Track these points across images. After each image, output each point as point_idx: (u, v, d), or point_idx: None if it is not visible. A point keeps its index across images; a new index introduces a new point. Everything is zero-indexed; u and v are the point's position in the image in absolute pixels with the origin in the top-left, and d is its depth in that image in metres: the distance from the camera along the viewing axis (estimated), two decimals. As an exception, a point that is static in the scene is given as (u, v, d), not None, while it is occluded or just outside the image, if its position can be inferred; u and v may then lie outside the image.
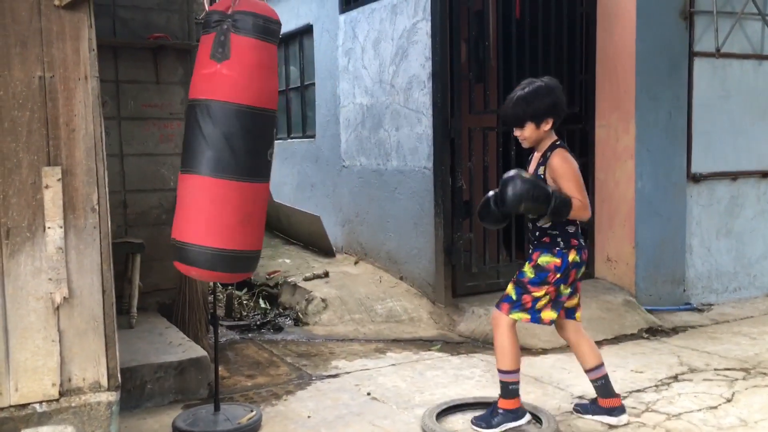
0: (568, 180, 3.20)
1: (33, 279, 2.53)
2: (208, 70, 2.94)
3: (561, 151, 3.27)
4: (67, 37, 2.56)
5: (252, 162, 3.02)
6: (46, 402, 2.57)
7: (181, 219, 3.05)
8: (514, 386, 3.33)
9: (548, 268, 3.26)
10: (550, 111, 3.24)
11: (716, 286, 5.98)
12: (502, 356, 3.31)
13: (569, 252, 3.27)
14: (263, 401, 3.83)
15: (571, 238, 3.29)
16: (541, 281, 3.27)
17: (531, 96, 3.24)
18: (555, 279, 3.26)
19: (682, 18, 5.64)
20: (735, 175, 6.00)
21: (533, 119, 3.25)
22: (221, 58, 2.89)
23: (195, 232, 2.98)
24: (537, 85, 3.26)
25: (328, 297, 5.69)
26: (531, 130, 3.28)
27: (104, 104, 3.78)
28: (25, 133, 2.51)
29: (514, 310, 3.30)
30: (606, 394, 3.44)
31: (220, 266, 3.02)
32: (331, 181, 7.33)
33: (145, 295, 4.67)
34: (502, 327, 3.32)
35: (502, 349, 3.31)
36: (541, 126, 3.26)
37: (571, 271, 3.29)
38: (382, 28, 6.17)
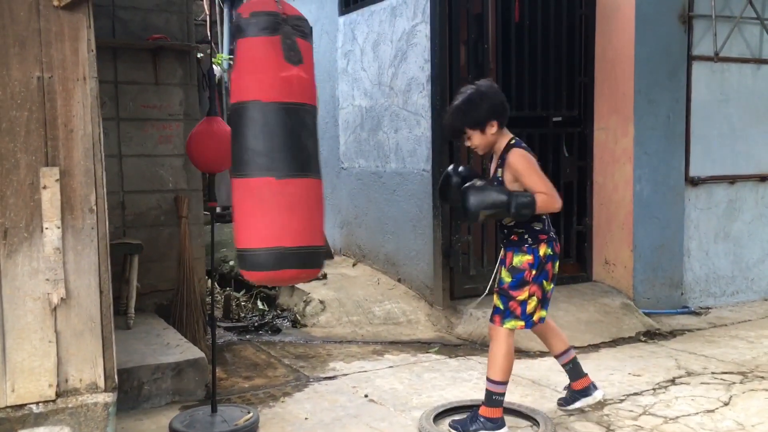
0: (529, 175, 3.17)
1: (30, 279, 2.53)
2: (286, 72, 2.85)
3: (516, 150, 3.24)
4: (65, 37, 2.56)
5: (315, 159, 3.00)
6: (42, 403, 2.56)
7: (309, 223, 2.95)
8: (499, 397, 3.28)
9: (522, 267, 3.25)
10: (491, 114, 3.21)
11: (714, 290, 5.98)
12: (494, 365, 3.28)
13: (539, 246, 3.26)
14: (260, 403, 3.83)
15: (539, 233, 3.27)
16: (520, 282, 3.25)
17: (465, 105, 3.23)
18: (533, 276, 3.24)
19: (681, 22, 5.64)
20: (733, 178, 6.00)
21: (475, 127, 3.23)
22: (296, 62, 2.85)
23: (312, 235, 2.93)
24: (469, 92, 3.25)
25: (326, 299, 5.69)
26: (478, 138, 3.26)
27: (103, 105, 3.78)
28: (23, 134, 2.51)
29: (507, 320, 3.28)
30: (577, 376, 3.52)
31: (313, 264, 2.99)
32: (330, 182, 7.33)
33: (143, 296, 4.66)
34: (498, 338, 3.29)
35: (495, 359, 3.28)
36: (487, 131, 3.23)
37: (547, 264, 3.28)
38: (381, 30, 6.18)
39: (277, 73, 2.86)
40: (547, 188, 3.16)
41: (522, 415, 3.56)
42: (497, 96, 3.25)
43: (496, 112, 3.22)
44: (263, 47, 2.87)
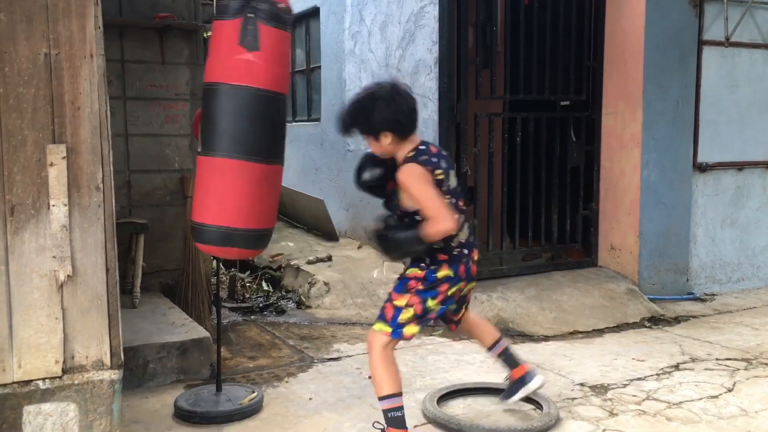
0: (415, 197, 2.84)
1: (37, 256, 2.53)
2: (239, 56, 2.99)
3: (405, 167, 2.87)
4: (73, 14, 2.54)
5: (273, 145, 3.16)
6: (49, 379, 2.57)
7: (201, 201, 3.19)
8: (395, 413, 2.92)
9: (410, 276, 2.98)
10: (385, 125, 2.87)
11: (720, 277, 5.97)
12: (376, 382, 2.95)
13: (438, 268, 2.94)
14: (265, 383, 3.85)
15: (437, 253, 2.94)
16: (403, 288, 2.97)
17: (356, 111, 2.95)
18: (417, 288, 2.94)
19: (692, 6, 5.59)
20: (741, 165, 5.97)
21: (368, 134, 2.94)
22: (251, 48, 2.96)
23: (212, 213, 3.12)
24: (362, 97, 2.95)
25: (331, 281, 5.70)
26: (373, 145, 2.97)
27: (110, 84, 3.77)
28: (30, 111, 2.50)
29: (378, 321, 3.00)
30: (513, 365, 3.34)
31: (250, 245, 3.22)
32: (336, 165, 7.31)
33: (149, 275, 4.68)
34: (371, 345, 2.98)
35: (374, 374, 2.96)
36: (381, 140, 2.91)
37: (441, 285, 2.95)
38: (389, 11, 6.14)
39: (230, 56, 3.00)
40: (433, 210, 2.80)
41: (524, 397, 3.56)
42: (391, 105, 2.86)
43: (389, 124, 2.86)
44: (225, 30, 3.01)
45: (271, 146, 3.13)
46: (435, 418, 3.31)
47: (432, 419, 3.32)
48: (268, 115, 3.08)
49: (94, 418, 2.64)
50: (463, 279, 3.01)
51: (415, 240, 2.84)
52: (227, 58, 3.00)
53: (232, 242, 3.09)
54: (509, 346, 3.39)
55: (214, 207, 3.07)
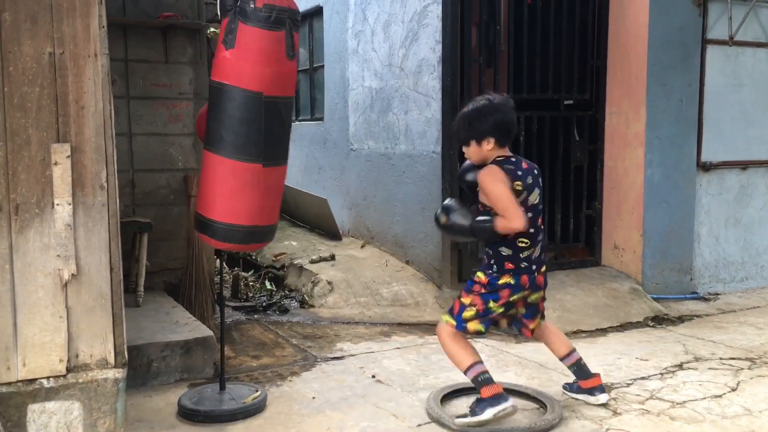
0: (489, 195, 3.15)
1: (41, 255, 2.54)
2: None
3: (489, 168, 3.19)
4: (77, 13, 2.55)
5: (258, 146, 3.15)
6: (53, 378, 2.58)
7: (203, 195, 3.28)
8: (482, 376, 3.21)
9: (476, 280, 3.27)
10: (492, 132, 3.17)
11: (723, 276, 5.96)
12: (454, 359, 3.28)
13: (501, 276, 3.22)
14: (268, 382, 3.85)
15: (505, 261, 3.22)
16: (469, 289, 3.28)
17: (472, 116, 3.21)
18: (480, 291, 3.23)
19: (695, 5, 5.57)
20: (745, 164, 5.96)
21: (473, 138, 3.21)
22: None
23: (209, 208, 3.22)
24: (481, 104, 3.22)
25: (334, 280, 5.70)
26: (474, 151, 3.24)
27: (113, 83, 3.78)
28: (34, 110, 2.51)
29: (446, 313, 3.33)
30: (584, 377, 3.52)
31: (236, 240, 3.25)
32: (339, 164, 7.32)
33: (152, 274, 4.69)
34: (439, 333, 3.33)
35: (450, 354, 3.29)
36: (483, 145, 3.20)
37: (503, 290, 3.22)
38: (392, 10, 6.13)
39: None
40: (504, 210, 3.09)
41: (529, 397, 3.57)
42: (505, 115, 3.20)
43: (496, 130, 3.18)
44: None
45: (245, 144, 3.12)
46: (439, 417, 3.31)
47: (436, 419, 3.32)
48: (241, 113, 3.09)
49: (99, 417, 2.64)
50: (526, 288, 3.26)
51: (488, 229, 3.13)
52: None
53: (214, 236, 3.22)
54: (582, 358, 3.54)
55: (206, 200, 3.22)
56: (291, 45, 3.07)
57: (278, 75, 3.10)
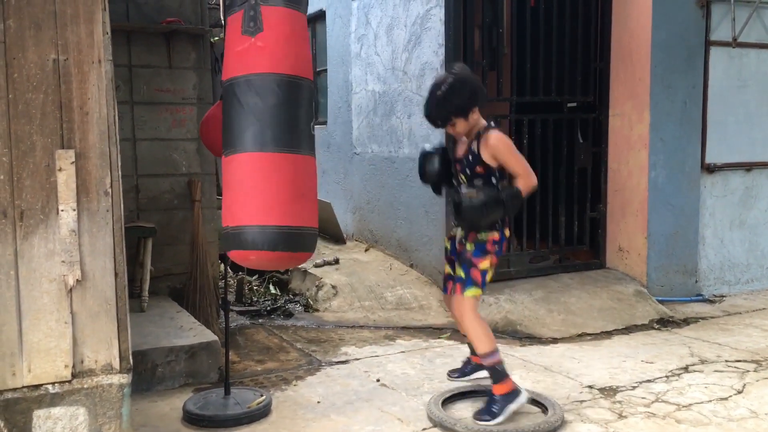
0: (511, 157, 3.26)
1: (46, 261, 2.54)
2: (241, 46, 2.85)
3: (495, 132, 3.28)
4: (81, 20, 2.55)
5: (295, 132, 2.92)
6: (58, 383, 2.58)
7: (232, 203, 2.89)
8: (500, 366, 3.30)
9: (487, 240, 3.33)
10: (473, 101, 3.26)
11: (729, 278, 5.94)
12: (478, 340, 3.30)
13: (504, 228, 3.37)
14: (273, 386, 3.85)
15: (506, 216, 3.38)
16: (483, 252, 3.33)
17: (449, 94, 3.24)
18: (495, 250, 3.34)
19: (698, 6, 5.57)
20: (750, 165, 5.94)
21: (459, 115, 3.27)
22: (254, 31, 2.83)
23: (249, 213, 2.83)
24: (450, 81, 3.26)
25: (339, 284, 5.70)
26: (462, 125, 3.31)
27: (117, 88, 3.79)
28: (39, 116, 2.51)
29: (468, 288, 3.33)
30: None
31: (281, 245, 2.84)
32: (343, 167, 7.32)
33: (157, 279, 4.69)
34: (465, 311, 3.33)
35: (474, 333, 3.31)
36: (470, 117, 3.29)
37: (503, 243, 3.39)
38: (395, 14, 6.14)
39: (232, 49, 2.90)
40: (523, 169, 3.27)
41: (530, 400, 3.55)
42: (475, 81, 3.31)
43: (475, 97, 3.27)
44: (229, 26, 2.92)
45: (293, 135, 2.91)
46: (441, 421, 3.30)
47: (438, 422, 3.31)
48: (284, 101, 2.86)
49: (104, 422, 2.64)
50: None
51: (519, 193, 3.23)
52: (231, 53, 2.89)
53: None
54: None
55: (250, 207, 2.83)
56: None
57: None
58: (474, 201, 3.22)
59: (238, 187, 2.86)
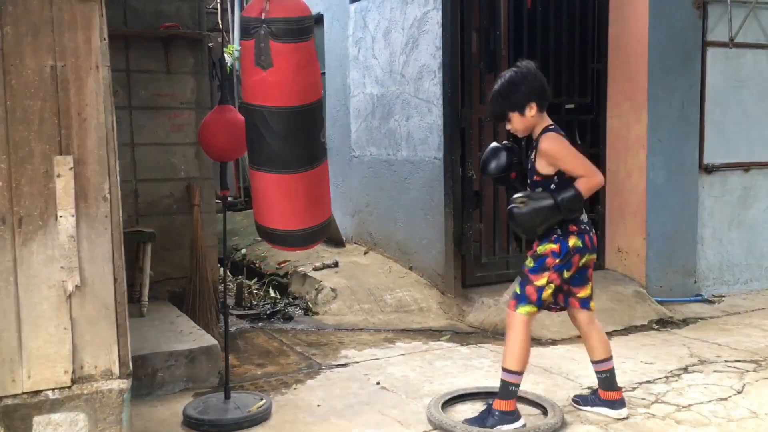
0: (566, 159, 3.18)
1: (45, 267, 2.55)
2: (256, 77, 3.03)
3: (549, 134, 3.22)
4: (78, 26, 2.56)
5: (310, 150, 3.18)
6: (58, 389, 2.58)
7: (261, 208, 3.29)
8: (514, 388, 3.25)
9: (546, 253, 3.22)
10: (530, 97, 3.19)
11: (728, 278, 5.95)
12: (511, 355, 3.22)
13: (568, 238, 3.21)
14: (273, 390, 3.85)
15: (569, 224, 3.22)
16: (541, 267, 3.22)
17: (506, 88, 3.22)
18: (555, 264, 3.20)
19: (695, 7, 5.58)
20: (748, 166, 5.95)
21: (515, 109, 3.22)
22: (265, 66, 2.98)
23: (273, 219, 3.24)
24: (510, 75, 3.24)
25: (338, 287, 5.70)
26: (518, 121, 3.24)
27: (115, 94, 3.79)
28: (37, 122, 2.52)
29: (521, 305, 3.24)
30: (609, 387, 3.40)
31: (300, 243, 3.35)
32: (341, 171, 7.32)
33: (156, 284, 4.69)
34: (514, 324, 3.24)
35: (511, 347, 3.23)
36: (526, 113, 3.21)
37: (573, 256, 3.22)
38: (392, 17, 6.15)
39: (249, 77, 3.09)
40: (584, 169, 3.17)
41: (529, 402, 3.55)
42: (537, 77, 3.22)
43: (534, 94, 3.19)
44: (244, 51, 3.09)
45: (308, 153, 3.18)
46: (441, 423, 3.30)
47: (438, 425, 3.31)
48: (299, 129, 3.11)
49: (104, 428, 2.65)
50: (589, 249, 3.28)
51: (577, 196, 3.11)
52: (250, 79, 3.07)
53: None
54: (614, 368, 3.43)
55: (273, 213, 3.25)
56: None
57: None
58: (523, 209, 3.15)
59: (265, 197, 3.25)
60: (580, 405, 3.50)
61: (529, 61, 3.32)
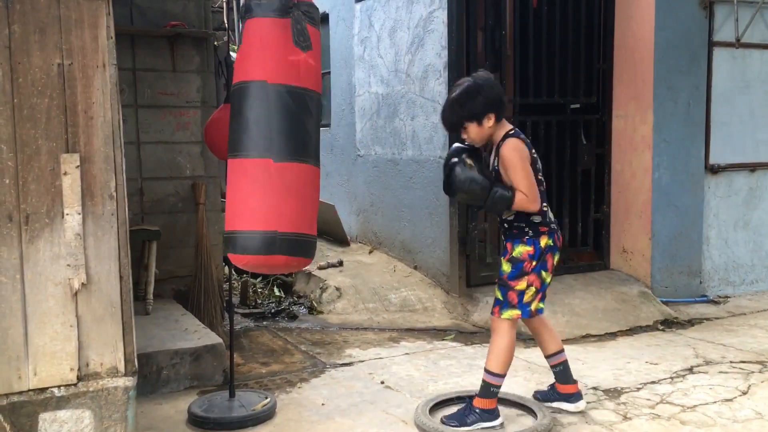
0: (514, 171, 3.13)
1: (52, 265, 2.55)
2: (294, 57, 2.87)
3: (510, 141, 3.17)
4: (85, 24, 2.57)
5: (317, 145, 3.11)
6: (64, 386, 2.59)
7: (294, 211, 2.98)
8: (495, 389, 3.26)
9: (522, 258, 3.21)
10: (489, 107, 3.14)
11: (733, 279, 5.93)
12: (494, 357, 3.23)
13: (540, 238, 3.21)
14: (278, 388, 3.86)
15: (539, 226, 3.22)
16: (520, 272, 3.22)
17: (462, 98, 3.16)
18: (532, 267, 3.21)
19: (701, 7, 5.57)
20: (754, 166, 5.93)
21: (472, 120, 3.16)
22: (305, 47, 2.88)
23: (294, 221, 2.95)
24: (467, 84, 3.18)
25: (343, 286, 5.71)
26: (475, 131, 3.18)
27: (122, 92, 3.80)
28: (44, 120, 2.53)
29: (505, 310, 3.24)
30: (564, 380, 3.47)
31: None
32: (346, 170, 7.33)
33: (161, 282, 4.71)
34: (499, 330, 3.25)
35: (495, 351, 3.23)
36: (485, 123, 3.16)
37: (546, 255, 3.23)
38: (398, 16, 6.15)
39: (285, 55, 2.87)
40: (526, 188, 3.12)
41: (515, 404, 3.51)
42: (494, 89, 3.19)
43: (493, 105, 3.15)
44: (272, 28, 2.87)
45: (316, 147, 3.10)
46: (424, 427, 3.24)
47: (422, 429, 3.25)
48: (316, 115, 3.03)
49: (109, 425, 2.65)
50: (559, 249, 3.30)
51: (508, 200, 3.11)
52: (281, 58, 2.86)
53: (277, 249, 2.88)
54: (567, 360, 3.49)
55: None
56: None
57: None
58: (463, 174, 3.10)
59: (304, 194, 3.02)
60: (540, 400, 3.53)
61: (488, 72, 3.29)
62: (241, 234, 2.88)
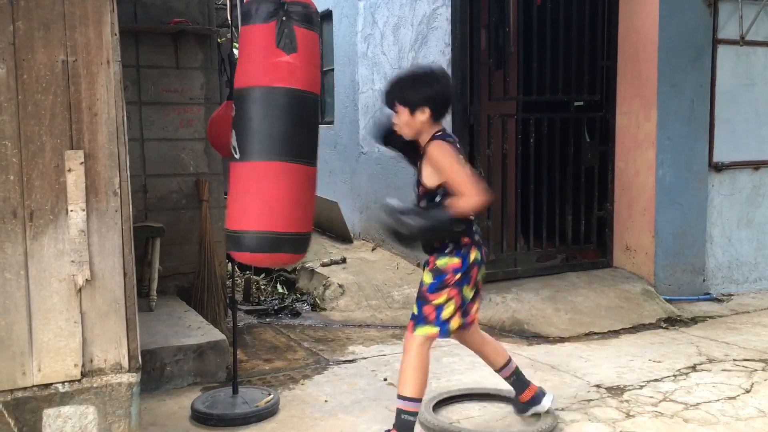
0: (447, 170, 2.84)
1: (56, 261, 2.56)
2: (277, 58, 2.92)
3: (437, 142, 2.89)
4: (89, 21, 2.57)
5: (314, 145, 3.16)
6: (68, 382, 2.60)
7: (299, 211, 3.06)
8: (409, 417, 2.91)
9: (446, 269, 2.93)
10: (426, 101, 2.88)
11: (736, 277, 5.93)
12: (406, 381, 2.91)
13: (469, 251, 2.94)
14: (281, 385, 3.86)
15: (461, 237, 2.94)
16: (440, 284, 2.93)
17: (407, 80, 2.96)
18: (455, 280, 2.92)
19: (706, 4, 5.55)
20: (757, 164, 5.92)
21: (405, 105, 2.92)
22: (290, 50, 2.92)
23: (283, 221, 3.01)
24: (418, 70, 3.02)
25: (346, 283, 5.71)
26: (405, 118, 2.94)
27: (125, 89, 3.81)
28: (48, 117, 2.53)
29: (419, 326, 2.94)
30: (522, 388, 3.29)
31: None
32: (350, 167, 7.33)
33: (165, 278, 4.71)
34: (410, 348, 2.93)
35: (404, 372, 2.92)
36: (417, 115, 2.90)
37: (472, 269, 2.96)
38: (401, 13, 6.15)
39: (266, 59, 2.94)
40: (465, 185, 2.80)
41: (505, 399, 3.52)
42: (444, 87, 2.94)
43: (432, 101, 2.89)
44: (259, 34, 2.95)
45: (311, 147, 3.12)
46: (428, 424, 3.25)
47: (426, 427, 3.26)
48: (306, 116, 3.04)
49: (113, 421, 2.66)
50: (485, 263, 3.04)
51: (449, 218, 2.81)
52: (265, 61, 2.92)
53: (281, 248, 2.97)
54: (517, 366, 3.31)
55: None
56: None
57: None
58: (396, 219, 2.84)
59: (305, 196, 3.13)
60: (521, 413, 3.36)
61: (444, 70, 3.10)
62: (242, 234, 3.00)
